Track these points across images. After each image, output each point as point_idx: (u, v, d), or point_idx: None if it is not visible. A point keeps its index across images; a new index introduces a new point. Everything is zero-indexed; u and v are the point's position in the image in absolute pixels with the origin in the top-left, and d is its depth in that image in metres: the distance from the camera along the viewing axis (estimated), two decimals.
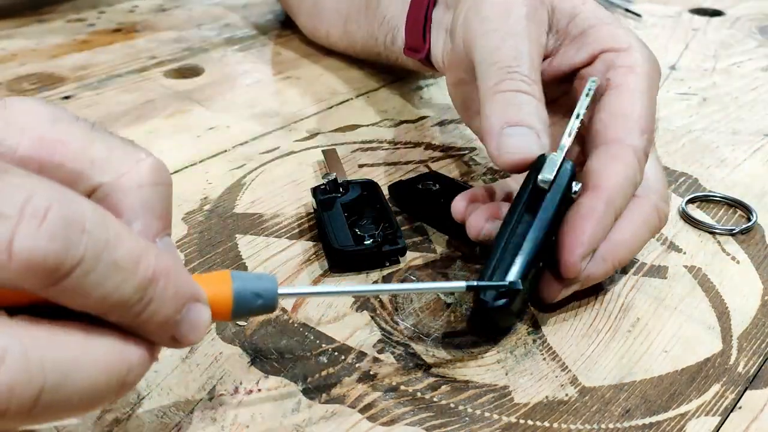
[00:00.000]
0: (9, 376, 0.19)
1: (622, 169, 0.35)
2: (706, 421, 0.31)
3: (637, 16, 0.77)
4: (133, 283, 0.22)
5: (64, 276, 0.20)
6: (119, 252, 0.21)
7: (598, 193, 0.34)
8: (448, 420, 0.30)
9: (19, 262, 0.19)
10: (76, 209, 0.20)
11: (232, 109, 0.55)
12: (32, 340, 0.20)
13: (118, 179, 0.24)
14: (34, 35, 0.67)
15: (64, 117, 0.25)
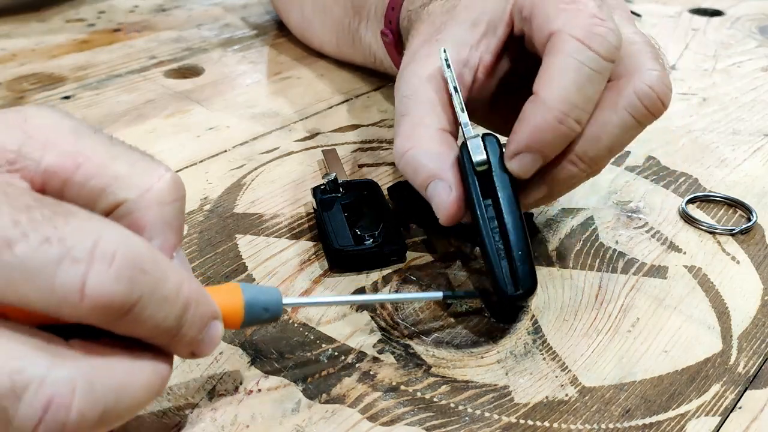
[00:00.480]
0: (80, 406, 0.21)
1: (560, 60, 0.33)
2: (706, 421, 0.31)
3: (637, 16, 0.77)
4: (176, 311, 0.24)
5: (127, 313, 0.22)
6: (168, 287, 0.23)
7: (533, 96, 0.34)
8: (448, 420, 0.30)
9: (90, 302, 0.21)
10: (137, 251, 0.22)
11: (232, 109, 0.55)
12: (93, 368, 0.22)
13: (141, 196, 0.25)
14: (34, 35, 0.67)
15: (85, 131, 0.25)
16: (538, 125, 0.33)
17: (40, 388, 0.21)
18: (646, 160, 0.50)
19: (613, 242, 0.41)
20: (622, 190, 0.46)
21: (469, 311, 0.36)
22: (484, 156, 0.34)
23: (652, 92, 0.35)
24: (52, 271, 0.21)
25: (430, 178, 0.35)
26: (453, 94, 0.36)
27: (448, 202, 0.34)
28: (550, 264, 0.39)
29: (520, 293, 0.33)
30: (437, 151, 0.35)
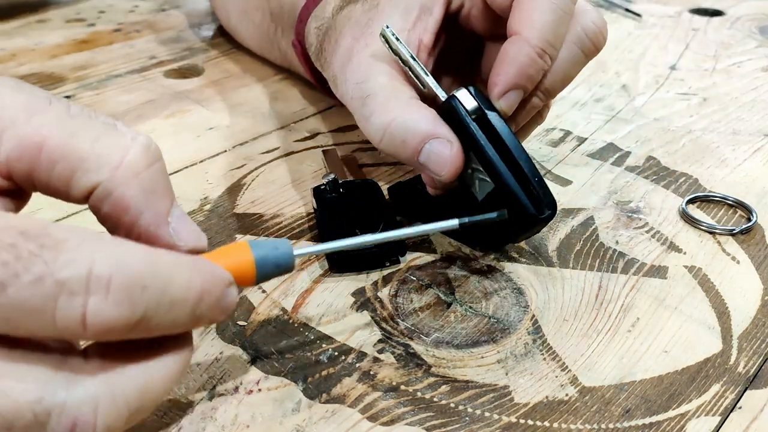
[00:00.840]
0: (104, 421, 0.22)
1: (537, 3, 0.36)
2: (706, 421, 0.31)
3: (637, 16, 0.77)
4: (187, 309, 0.23)
5: (135, 328, 0.22)
6: (173, 291, 0.23)
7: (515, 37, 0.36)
8: (448, 420, 0.30)
9: (93, 330, 0.21)
10: (133, 268, 0.21)
11: (232, 109, 0.55)
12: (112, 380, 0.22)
13: (113, 175, 0.24)
14: (34, 35, 0.67)
15: (39, 105, 0.24)
16: (523, 63, 0.36)
17: (62, 414, 0.21)
18: (646, 160, 0.50)
19: (613, 242, 0.41)
20: (622, 190, 0.46)
21: (469, 311, 0.36)
22: (475, 103, 0.35)
23: (595, 27, 0.39)
24: (51, 307, 0.20)
25: (425, 139, 0.35)
26: (411, 62, 0.37)
27: (452, 155, 0.35)
28: (550, 264, 0.39)
29: (550, 213, 0.35)
30: (422, 115, 0.36)
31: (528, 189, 0.35)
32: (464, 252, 0.40)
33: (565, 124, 0.55)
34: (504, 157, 0.35)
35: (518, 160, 0.35)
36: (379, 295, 0.37)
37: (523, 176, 0.35)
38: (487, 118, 0.36)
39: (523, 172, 0.35)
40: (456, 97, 0.36)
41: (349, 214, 0.40)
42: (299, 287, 0.37)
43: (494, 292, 0.37)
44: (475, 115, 0.36)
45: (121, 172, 0.24)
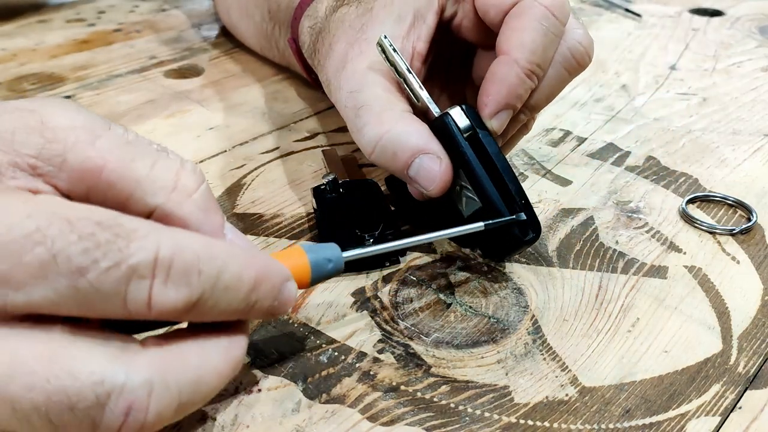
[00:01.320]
0: (157, 406, 0.23)
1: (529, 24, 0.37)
2: (706, 421, 0.31)
3: (637, 16, 0.77)
4: (240, 295, 0.25)
5: (190, 311, 0.24)
6: (227, 276, 0.24)
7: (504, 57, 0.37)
8: (448, 420, 0.30)
9: (156, 312, 0.23)
10: (190, 253, 0.23)
11: (232, 109, 0.55)
12: (167, 367, 0.23)
13: (168, 198, 0.25)
14: (34, 35, 0.67)
15: (99, 128, 0.26)
16: (512, 83, 0.37)
17: (120, 396, 0.22)
18: (646, 160, 0.50)
19: (613, 242, 0.41)
20: (622, 190, 0.46)
21: (469, 311, 0.36)
22: (468, 122, 0.36)
23: (582, 48, 0.39)
24: (123, 291, 0.22)
25: (415, 154, 0.36)
26: (406, 74, 0.37)
27: (440, 171, 0.36)
28: (550, 264, 0.39)
29: (533, 235, 0.36)
30: (414, 129, 0.36)
31: (513, 210, 0.36)
32: (464, 252, 0.40)
33: (565, 124, 0.55)
34: (493, 177, 0.36)
35: (507, 181, 0.36)
36: (379, 295, 0.37)
37: (510, 198, 0.36)
38: (479, 137, 0.36)
39: (510, 194, 0.36)
40: (449, 115, 0.36)
41: (349, 214, 0.40)
42: None
43: (494, 292, 0.37)
44: (467, 134, 0.36)
45: (176, 195, 0.26)
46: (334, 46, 0.41)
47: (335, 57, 0.40)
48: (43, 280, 0.21)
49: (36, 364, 0.21)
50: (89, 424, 0.22)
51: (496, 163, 0.36)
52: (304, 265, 0.29)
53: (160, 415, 0.23)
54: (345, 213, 0.40)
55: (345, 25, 0.41)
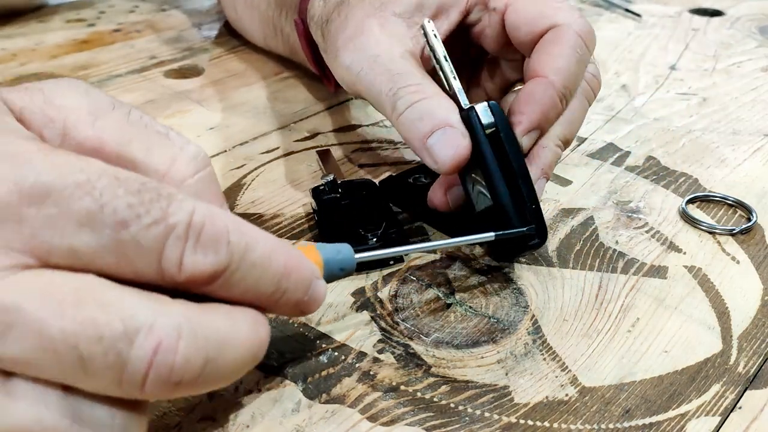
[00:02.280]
0: (185, 350, 0.22)
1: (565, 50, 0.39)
2: (706, 421, 0.31)
3: (637, 16, 0.77)
4: (269, 276, 0.25)
5: (216, 279, 0.24)
6: (255, 254, 0.25)
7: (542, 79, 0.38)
8: (448, 420, 0.30)
9: (185, 275, 0.24)
10: (221, 224, 0.24)
11: (232, 109, 0.55)
12: (196, 319, 0.23)
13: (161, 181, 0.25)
14: (34, 35, 0.67)
15: (103, 109, 0.26)
16: (546, 104, 0.38)
17: (149, 332, 0.22)
18: (646, 160, 0.50)
19: (613, 242, 0.41)
20: (622, 190, 0.46)
21: (469, 311, 0.36)
22: (492, 119, 0.36)
23: (595, 79, 0.42)
24: (160, 248, 0.23)
25: (442, 123, 0.35)
26: (443, 61, 0.37)
27: (459, 145, 0.35)
28: (550, 264, 0.39)
29: (538, 241, 0.36)
30: (448, 104, 0.36)
31: (523, 214, 0.36)
32: (464, 252, 0.40)
33: None
34: (507, 178, 0.36)
35: (521, 184, 0.36)
36: (379, 295, 0.37)
37: (521, 200, 0.36)
38: (500, 136, 0.36)
39: (522, 197, 0.36)
40: (474, 109, 0.36)
41: (350, 213, 0.40)
42: None
43: (494, 292, 0.37)
44: (489, 131, 0.36)
45: (168, 178, 0.26)
46: (350, 16, 0.40)
47: (351, 25, 0.40)
48: (88, 229, 0.22)
49: (69, 295, 0.22)
50: (117, 359, 0.22)
51: (513, 165, 0.36)
52: (317, 264, 0.29)
53: (188, 361, 0.23)
54: (345, 213, 0.40)
55: (365, 2, 0.41)
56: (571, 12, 0.39)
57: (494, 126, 0.36)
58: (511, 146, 0.36)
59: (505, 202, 0.36)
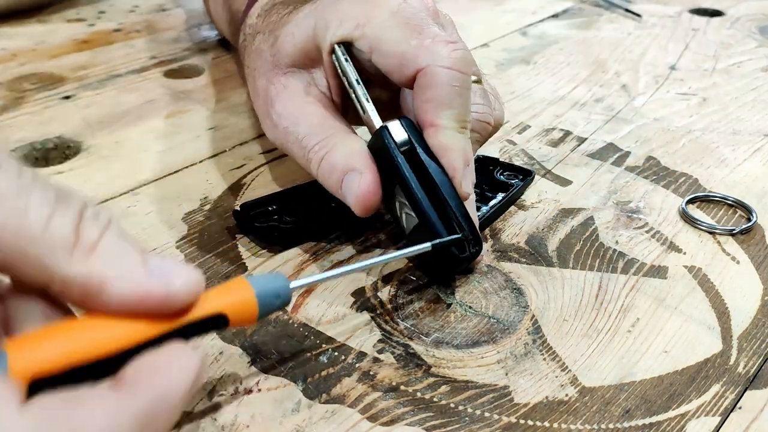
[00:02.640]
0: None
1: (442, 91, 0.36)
2: (706, 421, 0.31)
3: (637, 16, 0.77)
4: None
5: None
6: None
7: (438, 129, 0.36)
8: (448, 420, 0.30)
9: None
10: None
11: (232, 109, 0.55)
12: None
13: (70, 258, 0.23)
14: (34, 35, 0.67)
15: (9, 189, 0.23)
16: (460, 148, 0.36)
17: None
18: (646, 160, 0.50)
19: (613, 242, 0.41)
20: (622, 190, 0.46)
21: (469, 311, 0.36)
22: (406, 135, 0.35)
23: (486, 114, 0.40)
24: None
25: (344, 171, 0.36)
26: (355, 85, 0.37)
27: (359, 187, 0.35)
28: (550, 264, 0.39)
29: (472, 252, 0.35)
30: (346, 148, 0.36)
31: (450, 226, 0.35)
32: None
33: (565, 124, 0.55)
34: (430, 193, 0.35)
35: (445, 196, 0.35)
36: (379, 295, 0.37)
37: (447, 213, 0.35)
38: (417, 152, 0.35)
39: (448, 210, 0.35)
40: (386, 128, 0.35)
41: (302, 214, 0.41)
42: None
43: (494, 292, 0.37)
44: (404, 148, 0.35)
45: (78, 252, 0.23)
46: (256, 80, 0.42)
47: (261, 93, 0.41)
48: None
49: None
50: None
51: (434, 179, 0.35)
52: (250, 302, 0.27)
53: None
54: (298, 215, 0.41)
55: (261, 60, 0.42)
56: (434, 46, 0.36)
57: (409, 142, 0.35)
58: (429, 160, 0.35)
59: (429, 215, 0.34)
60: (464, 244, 0.35)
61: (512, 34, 0.72)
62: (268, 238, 0.40)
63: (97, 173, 0.46)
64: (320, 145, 0.37)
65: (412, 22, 0.37)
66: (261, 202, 0.42)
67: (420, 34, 0.36)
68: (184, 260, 0.39)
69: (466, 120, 0.37)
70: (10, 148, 0.48)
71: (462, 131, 0.36)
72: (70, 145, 0.49)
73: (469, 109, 0.37)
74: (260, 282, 0.27)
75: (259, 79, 0.42)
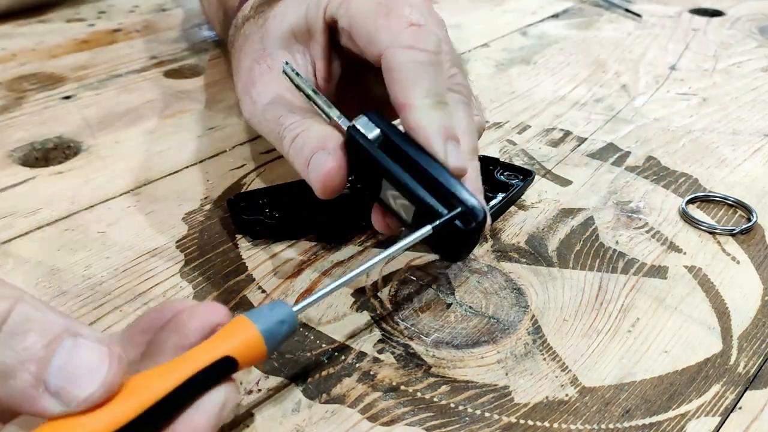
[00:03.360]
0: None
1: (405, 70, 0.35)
2: (706, 421, 0.31)
3: (637, 16, 0.77)
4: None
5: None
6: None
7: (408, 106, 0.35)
8: (448, 420, 0.30)
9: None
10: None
11: (232, 109, 0.55)
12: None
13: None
14: (34, 35, 0.67)
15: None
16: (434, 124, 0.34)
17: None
18: (646, 160, 0.50)
19: (613, 242, 0.41)
20: (622, 190, 0.46)
21: (469, 311, 0.36)
22: (376, 129, 0.34)
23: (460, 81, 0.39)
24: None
25: (315, 149, 0.35)
26: (313, 96, 0.37)
27: (323, 165, 0.34)
28: (550, 264, 0.39)
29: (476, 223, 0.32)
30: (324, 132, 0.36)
31: (447, 201, 0.33)
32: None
33: (565, 124, 0.55)
34: (419, 176, 0.33)
35: (435, 175, 0.33)
36: (379, 295, 0.37)
37: (441, 189, 0.33)
38: (391, 140, 0.34)
39: (442, 185, 0.33)
40: (355, 127, 0.35)
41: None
42: (299, 287, 0.37)
43: (494, 292, 0.37)
44: (378, 142, 0.34)
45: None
46: (241, 60, 0.42)
47: (243, 73, 0.41)
48: None
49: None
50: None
51: (417, 161, 0.33)
52: (256, 339, 0.26)
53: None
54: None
55: (248, 42, 0.42)
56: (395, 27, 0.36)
57: (381, 135, 0.35)
58: (407, 145, 0.34)
59: (424, 198, 0.33)
60: (467, 215, 0.33)
61: (512, 34, 0.72)
62: (251, 231, 0.41)
63: (97, 173, 0.46)
64: (297, 123, 0.36)
65: (384, 2, 0.37)
66: (253, 195, 0.42)
67: (387, 16, 0.36)
68: (184, 261, 0.39)
69: (439, 93, 0.35)
70: (10, 148, 0.48)
71: (438, 106, 0.35)
72: (70, 145, 0.49)
73: (441, 82, 0.36)
74: (260, 315, 0.26)
75: (244, 59, 0.41)
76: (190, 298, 0.36)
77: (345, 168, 0.34)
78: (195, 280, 0.37)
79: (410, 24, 0.36)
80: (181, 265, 0.38)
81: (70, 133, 0.51)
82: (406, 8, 0.36)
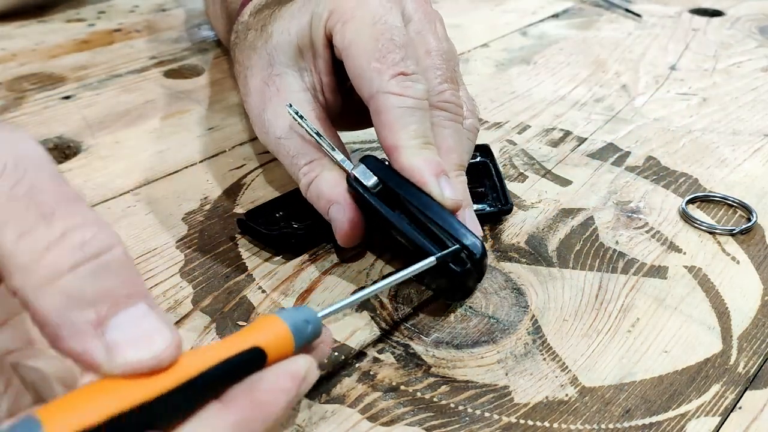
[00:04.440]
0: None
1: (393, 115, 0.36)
2: (706, 421, 0.31)
3: (637, 16, 0.77)
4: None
5: None
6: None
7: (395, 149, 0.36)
8: (448, 420, 0.30)
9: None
10: None
11: (232, 109, 0.55)
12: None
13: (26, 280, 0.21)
14: (34, 35, 0.67)
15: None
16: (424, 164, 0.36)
17: None
18: (646, 160, 0.50)
19: (613, 242, 0.41)
20: (622, 190, 0.46)
21: (469, 311, 0.36)
22: (374, 177, 0.36)
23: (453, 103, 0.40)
24: None
25: (330, 202, 0.37)
26: (318, 139, 0.38)
27: (342, 221, 0.37)
28: (550, 264, 0.39)
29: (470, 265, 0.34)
30: (333, 177, 0.38)
31: (443, 245, 0.34)
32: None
33: (565, 124, 0.55)
34: (416, 220, 0.35)
35: (431, 216, 0.35)
36: (379, 295, 0.37)
37: (440, 234, 0.34)
38: (389, 186, 0.36)
39: (436, 229, 0.34)
40: (355, 177, 0.36)
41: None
42: (299, 287, 0.37)
43: (494, 292, 0.37)
44: (377, 189, 0.36)
45: (34, 278, 0.21)
46: (249, 80, 0.42)
47: (254, 94, 0.41)
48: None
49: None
50: None
51: (415, 205, 0.35)
52: (286, 334, 0.26)
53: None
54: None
55: (255, 57, 0.42)
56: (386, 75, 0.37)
57: (378, 183, 0.36)
58: (405, 190, 0.35)
59: (422, 245, 0.34)
60: (461, 256, 0.34)
61: (512, 34, 0.72)
62: (283, 245, 0.40)
63: (97, 173, 0.46)
64: (309, 167, 0.38)
65: (380, 43, 0.37)
66: (266, 209, 0.42)
67: (380, 60, 0.37)
68: (184, 261, 0.39)
69: (426, 135, 0.37)
70: None
71: (425, 146, 0.36)
72: (70, 145, 0.49)
73: (426, 126, 0.37)
74: (288, 314, 0.27)
75: (252, 78, 0.42)
76: (190, 298, 0.36)
77: (359, 218, 0.37)
78: (195, 280, 0.37)
79: (400, 73, 0.37)
80: (181, 265, 0.38)
81: (70, 133, 0.51)
82: (397, 53, 0.37)
